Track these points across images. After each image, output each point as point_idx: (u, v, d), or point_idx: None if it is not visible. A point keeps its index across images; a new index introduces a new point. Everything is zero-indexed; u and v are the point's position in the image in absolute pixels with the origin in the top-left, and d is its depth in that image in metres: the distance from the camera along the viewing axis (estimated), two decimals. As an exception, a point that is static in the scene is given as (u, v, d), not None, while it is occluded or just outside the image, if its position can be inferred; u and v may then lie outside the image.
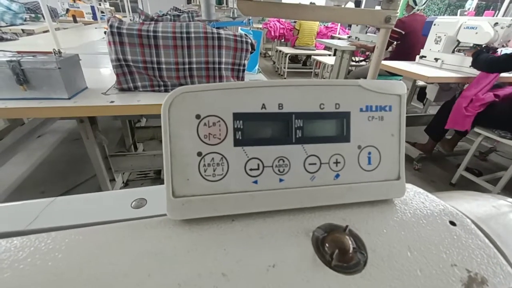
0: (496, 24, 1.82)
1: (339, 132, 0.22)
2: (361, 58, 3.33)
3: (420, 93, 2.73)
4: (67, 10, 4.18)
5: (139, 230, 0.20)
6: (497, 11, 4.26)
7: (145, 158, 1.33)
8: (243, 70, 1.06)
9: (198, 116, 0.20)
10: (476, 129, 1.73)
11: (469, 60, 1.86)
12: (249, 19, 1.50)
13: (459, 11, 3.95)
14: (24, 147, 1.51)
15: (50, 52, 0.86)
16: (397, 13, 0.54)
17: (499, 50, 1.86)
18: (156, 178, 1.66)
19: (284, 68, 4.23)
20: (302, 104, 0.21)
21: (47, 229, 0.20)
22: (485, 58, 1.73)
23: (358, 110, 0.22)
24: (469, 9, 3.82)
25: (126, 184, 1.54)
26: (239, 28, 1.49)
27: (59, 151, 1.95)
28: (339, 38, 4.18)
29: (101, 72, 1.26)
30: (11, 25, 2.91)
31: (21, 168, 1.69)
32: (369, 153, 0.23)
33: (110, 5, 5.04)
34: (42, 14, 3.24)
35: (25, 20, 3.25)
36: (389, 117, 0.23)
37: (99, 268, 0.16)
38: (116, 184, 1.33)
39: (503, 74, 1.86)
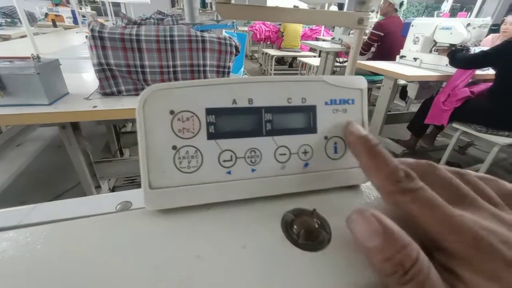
0: (468, 24, 1.92)
1: (307, 124, 0.24)
2: (345, 59, 3.42)
3: (402, 92, 2.84)
4: (46, 15, 4.07)
5: (117, 221, 0.20)
6: (469, 13, 4.49)
7: (131, 163, 1.32)
8: (228, 72, 1.08)
9: (172, 112, 0.21)
10: (454, 125, 1.82)
11: (445, 59, 1.96)
12: (233, 22, 1.51)
13: (435, 12, 4.13)
14: (3, 156, 1.46)
15: (29, 57, 0.85)
16: (369, 15, 0.58)
17: (471, 49, 1.97)
18: (144, 183, 1.63)
19: (271, 70, 4.28)
20: (271, 98, 0.23)
21: (24, 225, 0.20)
22: (462, 55, 1.83)
23: (323, 103, 0.24)
24: (444, 10, 4.01)
25: (112, 191, 1.51)
26: (224, 31, 1.51)
27: (41, 159, 1.89)
28: (324, 40, 4.28)
29: (83, 77, 1.24)
30: (-14, 30, 2.81)
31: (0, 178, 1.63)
32: (335, 143, 0.25)
33: (91, 9, 4.94)
34: (19, 19, 3.14)
35: (0, 25, 3.15)
36: (352, 110, 0.25)
37: (77, 258, 0.17)
38: (102, 191, 1.31)
39: (477, 72, 1.97)
